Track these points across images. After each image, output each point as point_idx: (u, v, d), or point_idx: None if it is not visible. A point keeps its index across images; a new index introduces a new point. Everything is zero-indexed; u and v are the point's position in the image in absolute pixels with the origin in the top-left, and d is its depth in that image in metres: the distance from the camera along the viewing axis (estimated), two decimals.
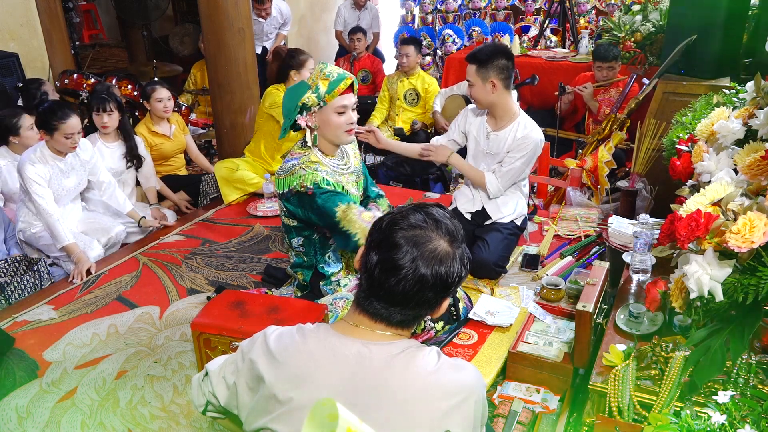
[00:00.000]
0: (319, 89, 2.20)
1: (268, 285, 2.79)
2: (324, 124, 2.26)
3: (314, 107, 2.22)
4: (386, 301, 1.17)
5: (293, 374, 1.16)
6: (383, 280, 1.15)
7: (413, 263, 1.13)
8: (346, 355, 1.15)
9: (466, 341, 2.32)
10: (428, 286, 1.14)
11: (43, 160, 3.06)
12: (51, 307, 2.70)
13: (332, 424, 0.75)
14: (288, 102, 2.25)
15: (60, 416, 2.06)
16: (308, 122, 2.25)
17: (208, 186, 4.03)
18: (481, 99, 2.75)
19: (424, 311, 1.20)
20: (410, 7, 7.24)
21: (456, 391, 1.14)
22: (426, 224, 1.17)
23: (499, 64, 2.65)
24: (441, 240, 1.17)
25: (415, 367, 1.15)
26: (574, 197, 3.58)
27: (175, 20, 8.08)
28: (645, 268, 2.14)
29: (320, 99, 2.20)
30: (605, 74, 4.43)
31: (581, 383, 2.00)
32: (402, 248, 1.14)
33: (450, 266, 1.16)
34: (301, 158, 2.25)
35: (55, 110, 3.00)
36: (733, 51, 3.15)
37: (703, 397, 1.47)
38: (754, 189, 1.53)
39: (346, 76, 2.21)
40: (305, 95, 2.20)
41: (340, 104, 2.23)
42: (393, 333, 1.19)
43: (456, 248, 1.18)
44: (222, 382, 1.28)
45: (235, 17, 4.12)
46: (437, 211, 1.22)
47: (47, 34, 5.14)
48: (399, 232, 1.16)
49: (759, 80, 1.98)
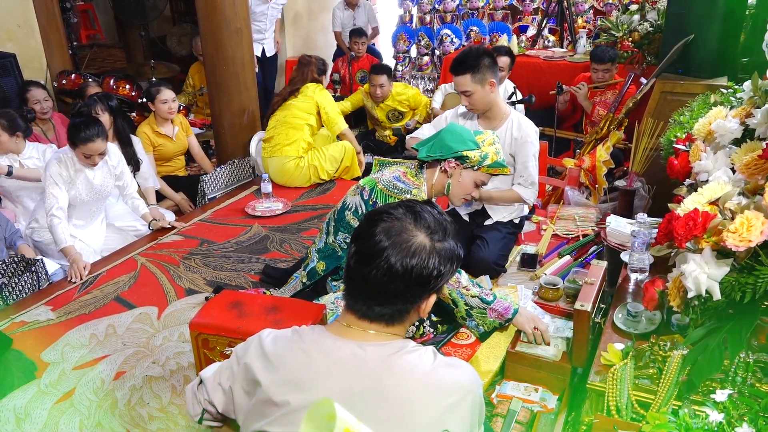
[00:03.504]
0: (487, 156, 2.30)
1: (267, 285, 2.79)
2: (458, 180, 2.33)
3: (468, 163, 2.30)
4: (362, 292, 1.17)
5: (289, 377, 1.16)
6: (358, 270, 1.16)
7: (384, 253, 1.13)
8: (341, 356, 1.15)
9: (464, 341, 2.32)
10: (398, 277, 1.13)
11: (71, 162, 3.13)
12: (49, 308, 2.70)
13: (330, 424, 0.75)
14: (451, 141, 2.30)
15: (58, 417, 2.06)
16: (452, 170, 2.31)
17: (206, 186, 4.03)
18: (482, 104, 2.76)
19: (401, 305, 1.17)
20: (408, 6, 7.23)
21: (452, 390, 1.14)
22: (405, 217, 1.18)
23: (486, 63, 2.68)
24: (418, 233, 1.16)
25: (410, 367, 1.14)
26: (572, 197, 3.58)
27: (172, 20, 8.08)
28: (643, 267, 2.15)
29: (480, 163, 2.30)
30: (601, 76, 4.44)
31: (579, 382, 2.01)
32: (376, 238, 1.15)
33: (424, 260, 1.14)
34: (413, 190, 2.28)
35: (80, 128, 3.05)
36: (731, 50, 3.16)
37: (701, 395, 1.47)
38: (751, 188, 1.53)
39: (506, 167, 2.37)
40: (472, 150, 2.28)
41: (485, 179, 2.38)
42: (387, 333, 1.19)
43: (436, 242, 1.17)
44: (218, 389, 1.28)
45: (232, 18, 4.12)
46: (422, 206, 1.22)
47: (44, 34, 5.13)
48: (378, 224, 1.17)
49: (756, 79, 1.98)
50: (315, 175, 4.16)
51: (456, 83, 2.77)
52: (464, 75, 2.69)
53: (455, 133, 2.32)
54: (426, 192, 2.32)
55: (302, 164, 4.10)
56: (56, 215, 3.02)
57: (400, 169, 2.34)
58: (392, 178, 2.28)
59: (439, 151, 2.30)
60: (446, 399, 1.12)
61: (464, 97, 2.77)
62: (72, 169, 3.12)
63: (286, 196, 3.90)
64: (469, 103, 2.77)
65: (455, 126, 2.37)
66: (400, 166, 2.38)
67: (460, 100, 2.83)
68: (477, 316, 2.15)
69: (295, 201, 3.87)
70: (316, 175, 4.16)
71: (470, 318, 2.15)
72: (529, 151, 2.80)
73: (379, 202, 2.23)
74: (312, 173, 4.14)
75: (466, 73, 2.68)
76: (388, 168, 2.39)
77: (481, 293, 2.11)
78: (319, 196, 3.99)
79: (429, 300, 1.20)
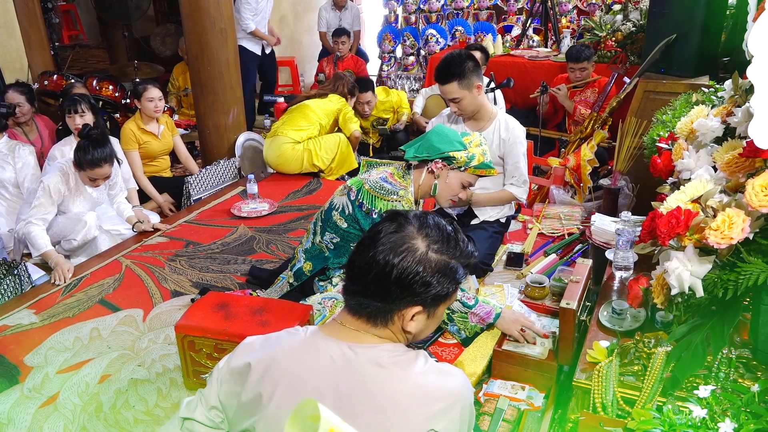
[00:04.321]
0: (474, 157, 2.29)
1: (253, 286, 2.78)
2: (445, 181, 2.32)
3: (455, 164, 2.29)
4: (352, 282, 1.19)
5: (277, 376, 1.15)
6: (352, 258, 1.20)
7: (377, 246, 1.15)
8: (330, 356, 1.15)
9: (451, 340, 2.32)
10: (377, 270, 1.13)
11: (72, 177, 3.15)
12: (32, 312, 2.67)
13: (314, 425, 0.74)
14: (438, 142, 2.30)
15: (42, 421, 2.04)
16: (438, 171, 2.31)
17: (191, 187, 4.01)
18: (471, 108, 2.77)
19: (380, 303, 1.15)
20: (393, 6, 7.24)
21: (442, 396, 1.13)
22: (414, 220, 1.20)
23: (470, 67, 2.69)
24: (417, 237, 1.17)
25: (401, 370, 1.14)
26: (557, 195, 3.61)
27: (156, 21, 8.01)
28: (627, 265, 2.16)
29: (466, 164, 2.29)
30: (579, 75, 4.47)
31: (566, 380, 2.02)
32: (380, 232, 1.18)
33: (409, 262, 1.13)
34: (400, 191, 2.27)
35: (89, 151, 3.06)
36: (712, 50, 3.20)
37: (684, 391, 1.48)
38: (732, 186, 1.55)
39: (493, 168, 2.36)
40: (459, 151, 2.27)
41: (472, 180, 2.37)
42: (376, 336, 1.18)
43: (431, 251, 1.16)
44: (210, 410, 1.24)
45: (217, 18, 4.10)
46: (436, 218, 1.23)
47: (26, 34, 5.07)
48: (387, 222, 1.20)
49: (737, 78, 2.01)
50: (309, 161, 4.19)
51: (444, 92, 2.76)
52: (451, 83, 2.69)
53: (442, 134, 2.32)
54: (413, 193, 2.32)
55: (298, 148, 4.17)
56: (36, 223, 3.01)
57: (387, 170, 2.34)
58: (379, 179, 2.27)
59: (426, 152, 2.30)
60: (434, 405, 1.11)
61: (453, 104, 2.77)
62: (72, 182, 3.13)
63: (273, 195, 3.89)
64: (458, 109, 2.77)
65: (442, 127, 2.38)
66: (387, 167, 2.38)
67: (442, 101, 2.84)
68: (458, 321, 2.15)
69: (281, 202, 3.86)
70: (310, 161, 4.19)
71: (452, 322, 2.15)
72: (519, 151, 2.82)
73: (366, 203, 2.23)
74: (306, 158, 4.18)
75: (452, 81, 2.68)
76: (375, 169, 2.39)
77: (463, 297, 2.12)
78: (305, 197, 3.97)
79: (411, 311, 1.16)
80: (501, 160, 2.85)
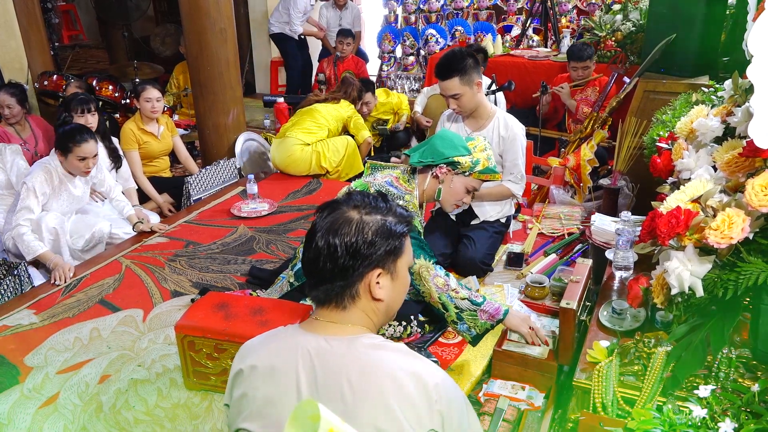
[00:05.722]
0: (478, 162, 2.31)
1: (253, 286, 2.78)
2: (449, 186, 2.34)
3: (459, 169, 2.31)
4: (310, 276, 1.23)
5: (262, 372, 1.19)
6: (303, 257, 1.24)
7: (315, 235, 1.20)
8: (307, 349, 1.17)
9: (451, 340, 2.32)
10: (325, 256, 1.18)
11: (55, 174, 3.12)
12: (32, 312, 2.67)
13: (314, 425, 0.74)
14: (443, 147, 2.31)
15: (42, 422, 2.04)
16: (443, 176, 2.32)
17: (191, 188, 4.01)
18: (471, 105, 2.77)
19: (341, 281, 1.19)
20: (393, 6, 7.24)
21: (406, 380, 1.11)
22: (343, 200, 1.25)
23: (470, 63, 2.69)
24: (347, 209, 1.21)
25: (374, 359, 1.15)
26: (557, 195, 3.61)
27: (156, 21, 8.02)
28: (627, 264, 2.16)
29: (471, 169, 2.31)
30: (580, 74, 4.47)
31: (566, 380, 2.02)
32: (315, 224, 1.23)
33: (347, 233, 1.18)
34: (406, 195, 2.28)
35: (72, 133, 3.05)
36: (712, 50, 3.19)
37: (684, 391, 1.48)
38: (732, 186, 1.55)
39: (498, 173, 2.40)
40: (463, 156, 2.29)
41: (476, 185, 2.39)
42: (349, 324, 1.21)
43: (363, 215, 1.21)
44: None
45: (216, 18, 4.10)
46: (357, 191, 1.30)
47: (25, 35, 5.06)
48: (320, 212, 1.25)
49: (737, 78, 2.00)
50: (317, 163, 4.20)
51: (444, 88, 2.76)
52: (452, 78, 2.69)
53: (447, 139, 2.33)
54: (418, 197, 2.32)
55: (307, 149, 4.18)
56: (25, 225, 2.99)
57: (393, 173, 2.34)
58: (384, 183, 2.28)
59: (430, 157, 2.31)
60: (399, 389, 1.10)
61: (452, 101, 2.77)
62: (57, 180, 3.10)
63: (273, 195, 3.89)
64: (457, 105, 2.77)
65: (447, 132, 2.39)
66: (392, 170, 2.39)
67: (443, 101, 2.84)
68: (468, 319, 2.15)
69: (281, 202, 3.86)
70: (318, 163, 4.21)
71: (461, 321, 2.15)
72: (518, 148, 2.84)
73: None
74: (315, 160, 4.20)
75: (453, 77, 2.68)
76: (380, 172, 2.39)
77: (471, 295, 2.12)
78: (305, 197, 3.97)
79: (372, 275, 1.20)
80: (500, 158, 2.86)
